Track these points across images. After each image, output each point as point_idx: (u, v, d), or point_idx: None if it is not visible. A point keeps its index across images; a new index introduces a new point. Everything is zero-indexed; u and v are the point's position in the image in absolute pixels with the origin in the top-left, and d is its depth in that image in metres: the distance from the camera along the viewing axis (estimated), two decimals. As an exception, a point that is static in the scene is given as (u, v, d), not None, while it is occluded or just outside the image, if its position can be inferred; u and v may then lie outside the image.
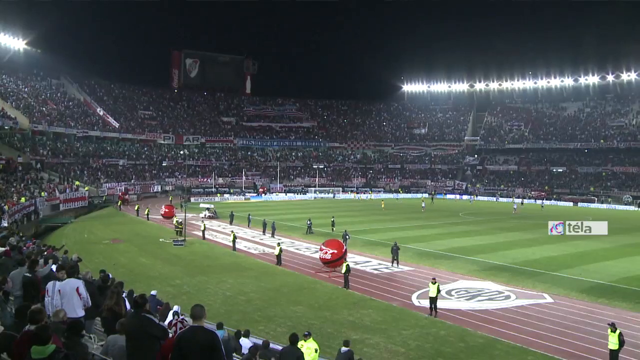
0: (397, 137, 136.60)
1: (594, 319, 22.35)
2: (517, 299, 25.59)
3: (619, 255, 39.30)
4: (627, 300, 25.91)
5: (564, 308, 24.22)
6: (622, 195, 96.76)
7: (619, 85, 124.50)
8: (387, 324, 21.35)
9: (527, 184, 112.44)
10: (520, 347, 18.97)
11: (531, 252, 39.80)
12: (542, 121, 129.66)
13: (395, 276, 30.72)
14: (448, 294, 26.11)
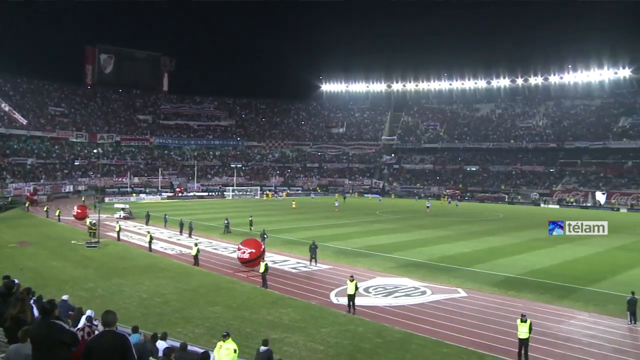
0: (316, 136, 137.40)
1: (505, 311, 23.22)
2: (433, 294, 26.21)
3: (526, 249, 41.13)
4: (534, 291, 27.16)
5: (477, 301, 25.02)
6: (530, 193, 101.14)
7: (527, 89, 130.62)
8: (306, 322, 21.38)
9: (442, 182, 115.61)
10: (436, 340, 19.43)
11: (446, 248, 40.93)
12: (456, 121, 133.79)
13: (314, 275, 30.83)
14: (366, 291, 26.43)
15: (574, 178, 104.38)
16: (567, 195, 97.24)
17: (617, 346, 19.37)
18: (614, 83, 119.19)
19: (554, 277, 30.84)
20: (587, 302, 25.21)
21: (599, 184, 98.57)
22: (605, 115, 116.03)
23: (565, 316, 22.96)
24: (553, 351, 18.61)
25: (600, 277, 30.96)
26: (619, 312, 22.90)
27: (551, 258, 37.42)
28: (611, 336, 20.49)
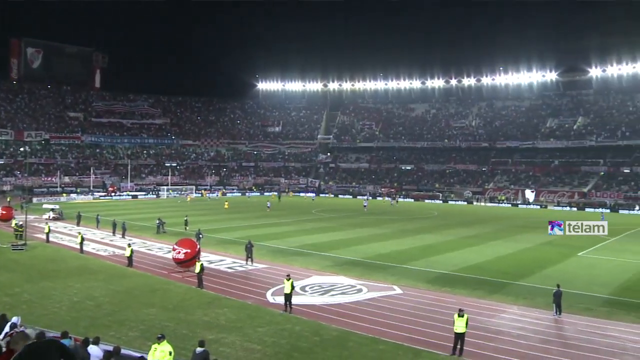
0: (252, 135, 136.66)
1: (440, 307, 23.72)
2: (369, 291, 26.47)
3: (460, 246, 42.07)
4: (467, 287, 27.87)
5: (413, 298, 25.44)
6: (463, 191, 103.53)
7: (461, 89, 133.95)
8: (243, 322, 21.23)
9: (378, 181, 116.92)
10: (373, 337, 19.63)
11: (381, 246, 41.44)
12: (392, 121, 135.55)
13: (250, 274, 30.67)
14: (302, 289, 26.46)
15: (505, 177, 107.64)
16: (498, 193, 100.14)
17: (544, 337, 20.21)
18: (542, 85, 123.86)
19: (486, 272, 31.71)
20: (517, 296, 26.06)
21: (528, 183, 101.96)
22: (534, 116, 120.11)
23: (497, 310, 23.65)
24: (486, 344, 19.14)
25: (529, 272, 32.01)
26: (546, 305, 23.80)
27: (483, 254, 38.41)
28: (539, 327, 21.34)
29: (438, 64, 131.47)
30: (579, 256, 38.68)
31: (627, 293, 27.23)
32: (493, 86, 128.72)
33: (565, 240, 46.68)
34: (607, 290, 27.76)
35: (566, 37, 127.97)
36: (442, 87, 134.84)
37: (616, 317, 22.90)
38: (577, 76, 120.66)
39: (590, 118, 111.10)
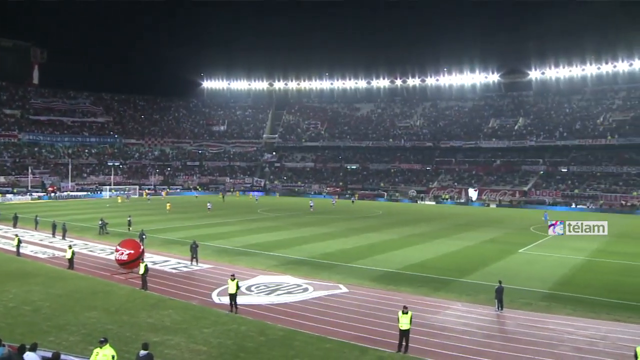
0: (196, 134, 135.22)
1: (385, 304, 23.91)
2: (315, 290, 26.49)
3: (405, 245, 42.60)
4: (412, 284, 28.19)
5: (358, 296, 25.57)
6: (408, 190, 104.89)
7: (405, 89, 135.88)
8: (188, 323, 20.92)
9: (323, 180, 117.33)
10: (319, 336, 19.62)
11: (327, 245, 41.57)
12: (337, 120, 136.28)
13: (195, 274, 30.27)
14: (248, 289, 26.28)
15: (449, 176, 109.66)
16: (442, 192, 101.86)
17: (487, 332, 20.65)
18: (484, 86, 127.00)
19: (431, 270, 32.18)
20: (460, 293, 26.52)
21: (471, 181, 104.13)
22: (476, 116, 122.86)
23: (441, 307, 24.00)
24: (430, 340, 19.39)
25: (472, 269, 32.64)
26: (488, 301, 24.32)
27: (428, 252, 38.97)
28: (482, 323, 21.77)
29: (383, 64, 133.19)
30: (519, 253, 39.71)
31: (563, 287, 28.12)
32: (437, 87, 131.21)
33: (506, 238, 47.98)
34: (546, 285, 28.57)
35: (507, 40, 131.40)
36: (387, 87, 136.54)
37: (554, 310, 23.64)
38: (518, 78, 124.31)
39: (530, 119, 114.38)
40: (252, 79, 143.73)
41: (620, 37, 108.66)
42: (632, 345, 16.37)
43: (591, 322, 22.10)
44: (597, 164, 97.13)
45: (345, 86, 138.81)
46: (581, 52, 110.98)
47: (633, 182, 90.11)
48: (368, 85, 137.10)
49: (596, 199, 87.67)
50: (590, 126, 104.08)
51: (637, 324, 21.95)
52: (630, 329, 21.27)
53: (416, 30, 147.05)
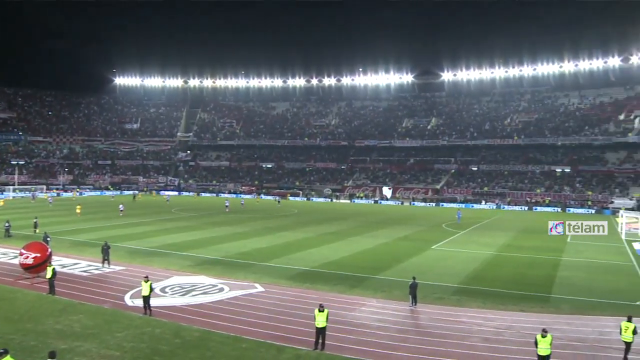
0: (108, 132, 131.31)
1: (301, 303, 24.00)
2: (231, 290, 26.24)
3: (320, 243, 42.91)
4: (328, 282, 28.45)
5: (274, 295, 25.53)
6: (323, 189, 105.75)
7: (321, 89, 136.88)
8: (99, 328, 20.21)
9: (238, 179, 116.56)
10: (235, 336, 19.45)
11: (243, 244, 41.29)
12: (253, 119, 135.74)
13: (107, 277, 29.30)
14: (162, 291, 25.72)
15: (364, 174, 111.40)
16: (357, 191, 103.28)
17: (401, 327, 21.12)
18: (398, 87, 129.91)
19: (346, 268, 32.56)
20: (375, 290, 26.97)
21: (385, 180, 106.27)
22: (391, 116, 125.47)
23: (357, 304, 24.31)
24: (347, 337, 19.58)
25: (386, 266, 33.27)
26: (403, 296, 24.83)
27: (343, 250, 39.39)
28: (397, 318, 22.24)
29: (299, 63, 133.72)
30: (432, 249, 40.84)
31: (474, 282, 29.18)
32: (352, 86, 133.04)
33: (420, 235, 49.24)
34: (457, 279, 29.53)
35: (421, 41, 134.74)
36: (303, 86, 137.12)
37: (465, 304, 24.51)
38: (431, 79, 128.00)
39: (443, 119, 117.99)
40: (166, 76, 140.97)
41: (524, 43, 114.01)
42: (534, 333, 17.18)
43: (499, 313, 23.11)
44: (505, 163, 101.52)
45: (261, 85, 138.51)
46: (490, 56, 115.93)
47: (537, 180, 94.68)
48: (284, 84, 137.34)
49: (504, 197, 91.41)
50: (498, 127, 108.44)
51: (539, 313, 23.29)
52: (533, 317, 22.52)
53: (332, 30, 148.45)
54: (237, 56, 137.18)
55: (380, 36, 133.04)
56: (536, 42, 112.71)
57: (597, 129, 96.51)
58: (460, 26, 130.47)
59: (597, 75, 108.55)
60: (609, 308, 24.30)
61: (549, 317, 22.49)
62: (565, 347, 18.65)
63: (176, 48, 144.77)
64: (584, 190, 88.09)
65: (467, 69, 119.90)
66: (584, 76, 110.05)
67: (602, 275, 31.69)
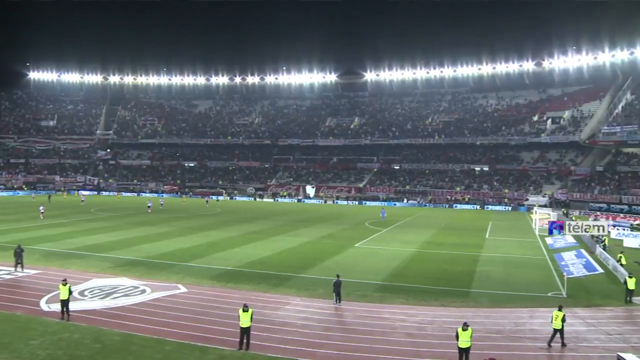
0: (21, 129, 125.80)
1: (225, 303, 23.82)
2: (153, 292, 25.69)
3: (244, 242, 42.67)
4: (251, 282, 28.37)
5: (197, 296, 25.19)
6: (246, 188, 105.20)
7: (245, 87, 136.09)
8: (11, 336, 19.25)
9: (160, 178, 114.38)
10: (158, 339, 19.08)
11: (165, 245, 40.52)
12: (175, 117, 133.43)
13: (20, 282, 28.04)
14: (81, 294, 24.87)
15: (287, 173, 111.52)
16: (280, 190, 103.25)
17: (326, 325, 21.33)
18: (322, 86, 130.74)
19: (270, 267, 32.53)
20: (299, 288, 27.05)
21: (309, 179, 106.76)
22: (314, 115, 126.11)
23: (281, 302, 24.31)
24: (271, 336, 19.59)
25: (310, 264, 33.44)
26: (327, 295, 25.05)
27: (267, 249, 39.30)
28: (321, 316, 22.42)
29: (223, 61, 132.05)
30: (355, 247, 41.33)
31: (396, 278, 29.76)
32: (276, 85, 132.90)
33: (343, 233, 49.73)
34: (380, 277, 30.01)
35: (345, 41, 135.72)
36: (226, 84, 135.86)
37: (388, 301, 24.95)
38: (354, 79, 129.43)
39: (366, 118, 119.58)
40: (85, 72, 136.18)
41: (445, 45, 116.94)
42: (456, 327, 17.68)
43: (421, 309, 23.68)
44: (426, 162, 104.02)
45: (184, 82, 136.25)
46: (412, 57, 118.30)
47: (457, 179, 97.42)
48: (207, 82, 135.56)
49: (426, 195, 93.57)
50: (420, 126, 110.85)
51: (459, 307, 24.06)
52: (454, 312, 23.26)
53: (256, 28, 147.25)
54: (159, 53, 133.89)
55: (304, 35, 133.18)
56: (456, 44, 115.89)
57: (513, 130, 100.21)
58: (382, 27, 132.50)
59: (513, 77, 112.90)
60: (524, 300, 25.43)
61: (469, 311, 23.24)
62: (484, 339, 19.30)
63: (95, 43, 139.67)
64: (501, 188, 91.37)
65: (389, 70, 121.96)
66: (501, 78, 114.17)
67: (518, 269, 32.99)
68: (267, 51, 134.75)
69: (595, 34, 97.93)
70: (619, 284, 28.22)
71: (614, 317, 22.94)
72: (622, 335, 20.42)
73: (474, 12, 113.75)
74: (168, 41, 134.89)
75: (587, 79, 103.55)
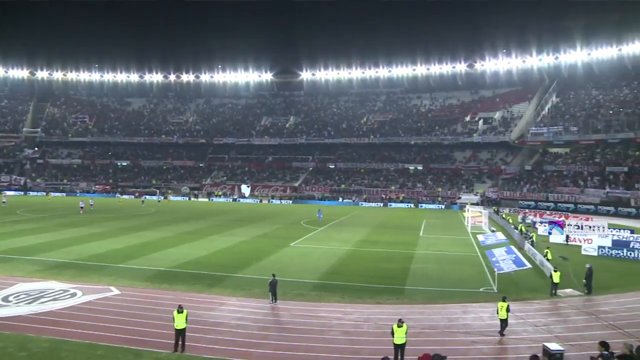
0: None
1: (159, 304, 23.38)
2: (84, 295, 24.95)
3: (179, 242, 42.06)
4: (186, 282, 28.02)
5: (131, 298, 24.63)
6: (181, 187, 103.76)
7: (179, 85, 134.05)
8: None
9: (92, 178, 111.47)
10: (90, 343, 18.54)
11: (97, 246, 39.44)
12: (107, 115, 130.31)
13: (-59, 285, 26.79)
14: (5, 300, 23.87)
15: (222, 172, 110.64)
16: (215, 189, 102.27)
17: (262, 324, 21.28)
18: (257, 85, 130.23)
19: (205, 267, 32.19)
20: (235, 288, 26.85)
21: (244, 178, 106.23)
22: (250, 114, 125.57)
23: (216, 303, 24.09)
24: (206, 337, 19.39)
25: (246, 264, 33.25)
26: (263, 294, 24.99)
27: (202, 249, 38.86)
28: (257, 316, 22.36)
29: (157, 58, 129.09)
30: (291, 246, 41.35)
31: (332, 277, 29.94)
32: (211, 83, 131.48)
33: (279, 232, 49.73)
34: (316, 275, 30.14)
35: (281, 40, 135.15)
36: (160, 82, 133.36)
37: (324, 299, 25.10)
38: (290, 78, 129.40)
39: (301, 118, 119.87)
40: (9, 66, 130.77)
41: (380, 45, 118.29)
42: (391, 324, 17.88)
43: (357, 306, 23.90)
44: (361, 161, 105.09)
45: (117, 79, 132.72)
46: (348, 57, 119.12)
47: (391, 178, 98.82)
48: (140, 80, 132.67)
49: (361, 194, 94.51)
50: (355, 126, 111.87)
51: (395, 304, 24.42)
52: (389, 309, 23.58)
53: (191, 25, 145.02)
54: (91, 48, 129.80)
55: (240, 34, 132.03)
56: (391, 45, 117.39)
57: (446, 130, 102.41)
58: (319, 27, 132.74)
59: (447, 79, 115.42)
60: (457, 296, 26.04)
61: (404, 308, 23.60)
62: (418, 335, 19.61)
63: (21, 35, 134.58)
64: (435, 187, 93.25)
65: (325, 69, 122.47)
66: (435, 79, 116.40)
67: (451, 266, 33.72)
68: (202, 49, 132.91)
69: (523, 39, 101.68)
70: (546, 278, 29.24)
71: (540, 310, 23.80)
72: (547, 327, 21.27)
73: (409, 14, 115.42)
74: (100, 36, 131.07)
75: (516, 81, 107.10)
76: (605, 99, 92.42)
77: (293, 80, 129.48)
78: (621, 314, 23.58)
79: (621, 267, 34.62)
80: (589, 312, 23.73)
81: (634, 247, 38.78)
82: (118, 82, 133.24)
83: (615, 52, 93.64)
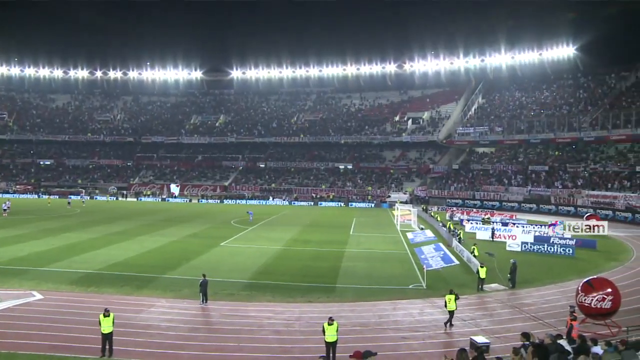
0: None
1: (86, 308, 22.74)
2: (3, 301, 23.92)
3: (106, 243, 40.94)
4: (114, 285, 27.36)
5: (55, 302, 23.83)
6: (108, 187, 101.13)
7: (106, 82, 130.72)
8: None
9: (12, 177, 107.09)
10: (9, 353, 17.77)
11: (18, 248, 37.88)
12: (28, 112, 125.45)
13: None
14: None
15: (150, 171, 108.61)
16: (144, 189, 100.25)
17: (192, 325, 21.11)
18: (187, 83, 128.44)
19: (133, 268, 31.51)
20: (164, 289, 26.44)
21: (173, 177, 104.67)
22: (179, 112, 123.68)
23: (145, 305, 23.66)
24: (135, 340, 19.09)
25: (175, 264, 32.77)
26: (193, 295, 24.77)
27: (130, 250, 38.03)
28: (187, 317, 22.14)
29: (83, 53, 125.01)
30: (221, 246, 41.02)
31: (263, 276, 29.93)
32: (140, 81, 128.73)
33: (209, 232, 49.26)
34: (247, 275, 30.04)
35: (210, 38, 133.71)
36: (86, 78, 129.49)
37: (255, 299, 25.12)
38: (220, 77, 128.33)
39: (231, 116, 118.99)
40: None
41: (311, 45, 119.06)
42: (322, 322, 18.03)
43: (288, 305, 24.02)
44: (292, 160, 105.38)
45: (39, 74, 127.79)
46: (278, 56, 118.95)
47: (322, 177, 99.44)
48: (65, 75, 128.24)
49: (291, 193, 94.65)
50: (285, 125, 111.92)
51: (325, 302, 24.69)
52: (320, 307, 23.84)
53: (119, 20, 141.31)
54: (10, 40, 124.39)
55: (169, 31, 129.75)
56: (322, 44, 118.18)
57: (375, 129, 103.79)
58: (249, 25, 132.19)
59: (377, 79, 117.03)
60: (387, 293, 26.52)
61: (335, 306, 23.86)
62: (349, 332, 19.86)
63: None
64: (365, 186, 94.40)
65: (256, 68, 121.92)
66: (365, 79, 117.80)
67: (381, 264, 34.24)
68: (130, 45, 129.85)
69: (451, 41, 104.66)
70: (472, 273, 30.13)
71: (468, 305, 24.47)
72: (474, 320, 22.01)
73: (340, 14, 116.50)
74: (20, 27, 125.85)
75: (444, 82, 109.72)
76: (527, 100, 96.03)
77: (223, 79, 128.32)
78: (542, 306, 24.65)
79: (542, 261, 36.14)
80: (513, 305, 24.66)
81: (553, 242, 40.56)
82: (40, 77, 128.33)
83: (537, 57, 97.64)
